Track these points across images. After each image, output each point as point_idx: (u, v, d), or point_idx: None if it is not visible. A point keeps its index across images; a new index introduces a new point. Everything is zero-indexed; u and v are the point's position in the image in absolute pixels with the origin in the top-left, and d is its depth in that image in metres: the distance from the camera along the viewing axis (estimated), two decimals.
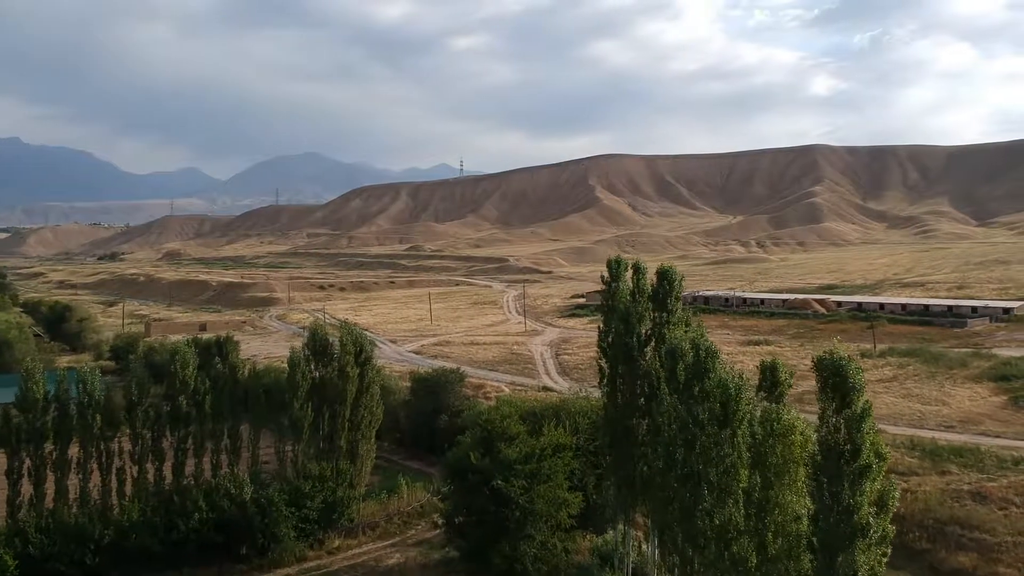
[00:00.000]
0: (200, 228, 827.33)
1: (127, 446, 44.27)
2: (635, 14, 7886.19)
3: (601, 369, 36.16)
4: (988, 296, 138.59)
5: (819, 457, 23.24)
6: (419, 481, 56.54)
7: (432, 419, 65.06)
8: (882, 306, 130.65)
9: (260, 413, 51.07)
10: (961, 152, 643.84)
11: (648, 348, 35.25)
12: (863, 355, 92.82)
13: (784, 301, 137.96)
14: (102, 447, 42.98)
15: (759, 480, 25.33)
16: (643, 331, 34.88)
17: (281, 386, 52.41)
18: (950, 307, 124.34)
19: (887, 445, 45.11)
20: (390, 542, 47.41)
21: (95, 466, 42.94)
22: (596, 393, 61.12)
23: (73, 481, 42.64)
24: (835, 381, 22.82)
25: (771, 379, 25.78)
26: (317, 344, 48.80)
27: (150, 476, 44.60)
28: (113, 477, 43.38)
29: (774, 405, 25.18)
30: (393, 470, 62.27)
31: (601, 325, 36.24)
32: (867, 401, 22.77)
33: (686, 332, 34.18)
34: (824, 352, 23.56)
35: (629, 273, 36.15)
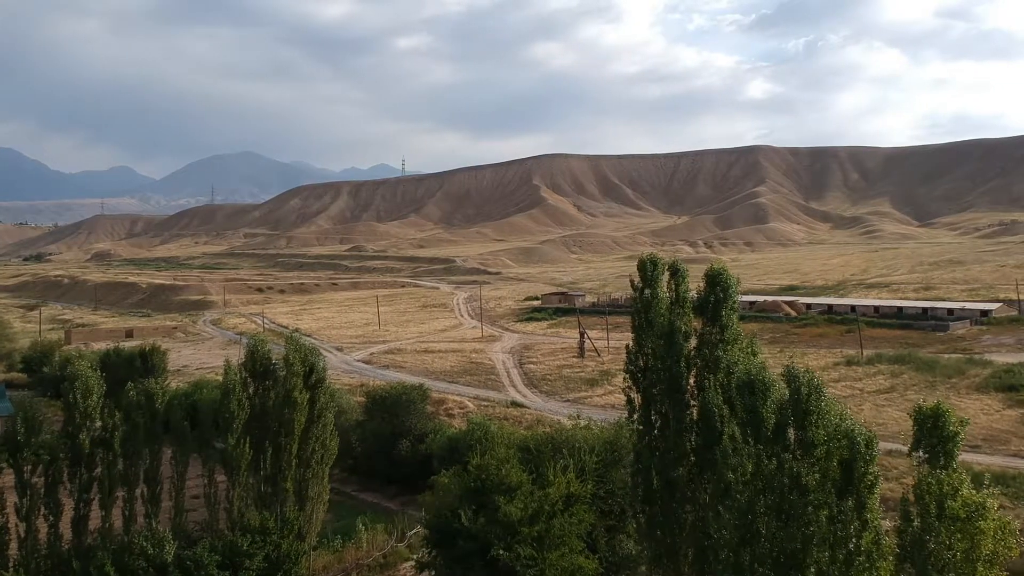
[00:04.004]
0: (132, 228, 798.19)
1: (11, 497, 34.67)
2: (577, 16, 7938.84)
3: (630, 401, 27.86)
4: (958, 297, 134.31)
5: None
6: (379, 522, 47.85)
7: (391, 444, 56.27)
8: (853, 308, 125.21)
9: (185, 441, 41.68)
10: (899, 154, 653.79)
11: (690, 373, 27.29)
12: (849, 362, 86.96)
13: (752, 303, 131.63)
14: None
15: None
16: (690, 352, 26.87)
17: (214, 405, 43.20)
18: (925, 309, 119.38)
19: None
20: None
21: None
22: (595, 416, 53.09)
23: None
24: None
25: (933, 432, 17.80)
26: (257, 364, 39.51)
27: (42, 535, 35.00)
28: None
29: (943, 473, 17.21)
30: (346, 506, 53.42)
31: (631, 344, 27.93)
32: None
33: (744, 352, 26.37)
34: None
35: (666, 277, 28.05)
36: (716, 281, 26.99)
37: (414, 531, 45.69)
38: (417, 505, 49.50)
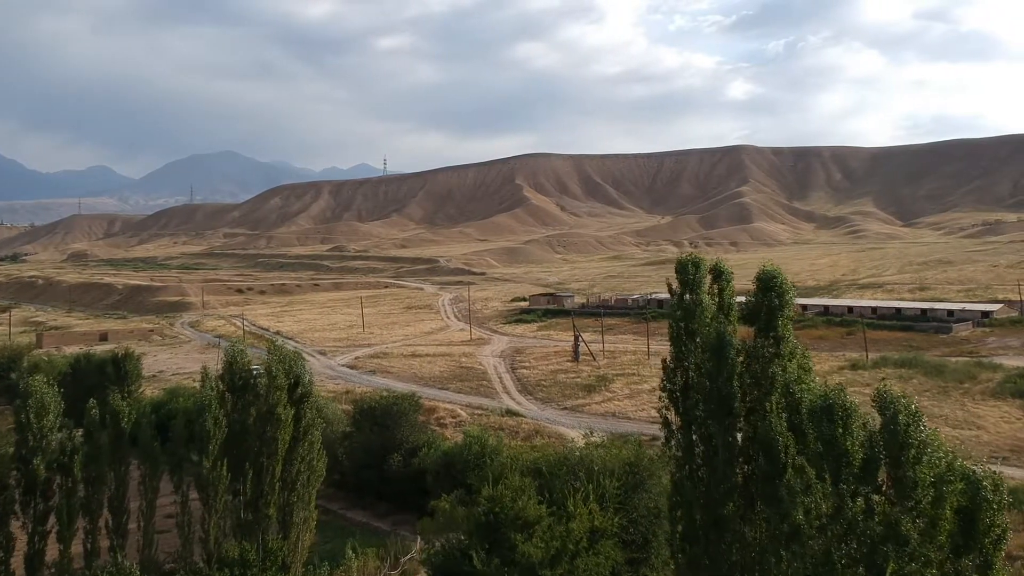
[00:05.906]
0: (110, 228, 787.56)
1: None
2: (559, 16, 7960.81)
3: (667, 424, 24.06)
4: (955, 298, 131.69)
5: None
6: (370, 545, 43.86)
7: (381, 458, 52.30)
8: (850, 309, 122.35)
9: (155, 459, 37.53)
10: (882, 154, 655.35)
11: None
12: (854, 366, 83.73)
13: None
14: None
15: None
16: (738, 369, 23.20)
17: (189, 415, 39.14)
18: (924, 310, 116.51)
19: None
20: None
21: None
22: (596, 425, 49.36)
23: None
24: None
25: None
26: (236, 376, 35.49)
27: None
28: None
29: None
30: (333, 526, 49.36)
31: (668, 359, 24.19)
32: None
33: (802, 369, 22.80)
34: None
35: (708, 279, 24.39)
36: (770, 285, 23.39)
37: (408, 556, 41.90)
38: (410, 525, 45.88)
